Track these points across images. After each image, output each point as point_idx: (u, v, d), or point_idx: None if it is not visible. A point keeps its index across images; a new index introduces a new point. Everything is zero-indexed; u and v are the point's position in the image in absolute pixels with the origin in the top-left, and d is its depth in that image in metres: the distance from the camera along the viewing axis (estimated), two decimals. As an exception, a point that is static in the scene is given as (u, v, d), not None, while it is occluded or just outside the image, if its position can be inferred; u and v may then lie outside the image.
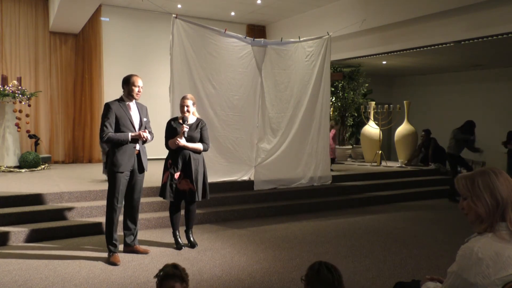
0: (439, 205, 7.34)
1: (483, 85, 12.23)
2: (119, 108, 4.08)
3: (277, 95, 6.86)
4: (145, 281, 3.61)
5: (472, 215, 1.71)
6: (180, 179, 4.40)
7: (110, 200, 4.09)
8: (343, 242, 4.91)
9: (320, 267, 1.91)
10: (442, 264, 4.07)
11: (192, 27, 6.10)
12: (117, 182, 4.04)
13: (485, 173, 1.72)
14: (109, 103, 4.11)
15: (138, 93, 4.16)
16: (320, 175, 7.26)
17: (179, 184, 4.40)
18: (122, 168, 4.04)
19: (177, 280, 2.12)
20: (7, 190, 5.53)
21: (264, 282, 3.65)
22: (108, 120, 4.01)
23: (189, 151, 4.41)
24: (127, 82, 4.15)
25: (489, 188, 1.68)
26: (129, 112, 4.13)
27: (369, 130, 10.06)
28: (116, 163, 4.03)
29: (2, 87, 7.56)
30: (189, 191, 4.44)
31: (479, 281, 1.59)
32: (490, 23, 6.84)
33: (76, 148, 9.18)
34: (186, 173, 4.41)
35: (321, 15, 9.13)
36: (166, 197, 4.41)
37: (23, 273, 3.72)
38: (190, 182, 4.41)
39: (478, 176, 1.72)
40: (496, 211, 1.66)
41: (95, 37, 9.10)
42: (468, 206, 1.72)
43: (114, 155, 4.04)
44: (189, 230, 4.65)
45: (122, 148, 4.05)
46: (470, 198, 1.71)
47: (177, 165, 4.39)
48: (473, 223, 1.74)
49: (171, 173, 4.40)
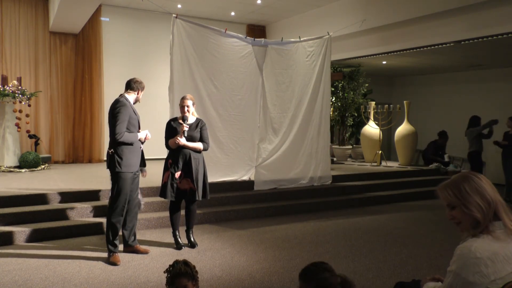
0: (439, 205, 7.30)
1: (483, 85, 12.23)
2: (131, 109, 4.14)
3: (278, 95, 6.86)
4: (145, 281, 3.61)
5: (467, 221, 1.72)
6: (180, 178, 4.41)
7: (118, 200, 4.05)
8: (343, 242, 4.91)
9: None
10: (442, 264, 4.07)
11: (193, 27, 6.10)
12: (126, 182, 4.05)
13: (467, 177, 1.74)
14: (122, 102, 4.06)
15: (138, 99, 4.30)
16: (320, 175, 7.26)
17: (180, 183, 4.41)
18: (133, 168, 4.10)
19: (189, 278, 2.12)
20: (7, 190, 5.53)
21: (264, 282, 3.65)
22: (124, 121, 4.01)
23: (190, 150, 4.43)
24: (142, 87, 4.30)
25: (477, 192, 1.70)
26: (137, 113, 4.23)
27: (369, 130, 10.06)
28: (127, 163, 4.04)
29: (2, 87, 7.56)
30: (190, 191, 4.44)
31: (478, 280, 1.60)
32: (490, 23, 6.84)
33: (76, 148, 9.18)
34: (186, 172, 4.42)
35: (321, 15, 9.13)
36: (167, 197, 4.41)
37: (23, 273, 3.72)
38: (191, 181, 4.42)
39: (461, 182, 1.73)
40: (489, 211, 1.68)
41: (95, 37, 9.10)
42: (460, 214, 1.72)
43: (126, 156, 4.03)
44: (190, 230, 4.65)
45: (132, 148, 4.08)
46: (461, 206, 1.71)
47: (177, 164, 4.40)
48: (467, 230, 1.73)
49: (171, 172, 4.41)
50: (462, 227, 1.75)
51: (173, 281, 2.11)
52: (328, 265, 1.89)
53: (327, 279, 1.81)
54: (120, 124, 3.97)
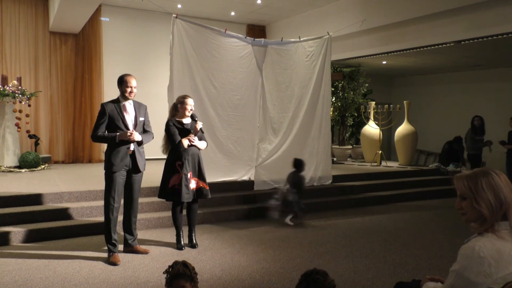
0: (439, 205, 7.33)
1: (483, 85, 12.23)
2: (113, 109, 4.10)
3: (278, 95, 6.86)
4: (145, 281, 3.61)
5: (473, 215, 1.71)
6: (190, 178, 4.43)
7: (107, 199, 4.12)
8: (343, 242, 4.91)
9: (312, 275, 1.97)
10: (442, 264, 4.07)
11: (193, 27, 6.10)
12: (112, 182, 4.08)
13: (487, 173, 1.71)
14: (103, 104, 4.16)
15: (131, 93, 4.14)
16: (320, 175, 7.26)
17: (190, 183, 4.42)
18: (115, 168, 4.07)
19: (187, 279, 2.12)
20: (7, 190, 5.53)
21: (264, 282, 3.65)
22: (100, 121, 4.09)
23: (197, 150, 4.50)
24: (121, 82, 4.17)
25: (492, 189, 1.67)
26: (122, 113, 4.12)
27: (369, 130, 10.06)
28: (109, 163, 4.08)
29: (2, 87, 7.55)
30: (198, 190, 4.49)
31: (481, 280, 1.59)
32: (490, 23, 6.84)
33: (76, 148, 9.18)
34: (196, 172, 4.49)
35: (321, 15, 9.13)
36: (183, 199, 4.36)
37: (23, 273, 3.72)
38: (201, 180, 4.51)
39: (480, 176, 1.71)
40: (499, 211, 1.66)
41: (95, 37, 9.10)
42: (469, 206, 1.71)
43: (109, 155, 4.10)
44: (192, 230, 4.66)
45: (115, 149, 4.08)
46: (472, 199, 1.70)
47: (189, 165, 4.41)
48: (472, 223, 1.73)
49: (184, 174, 4.36)
50: (466, 219, 1.74)
51: (172, 282, 2.12)
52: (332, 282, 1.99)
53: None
54: (94, 125, 4.14)
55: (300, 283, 1.99)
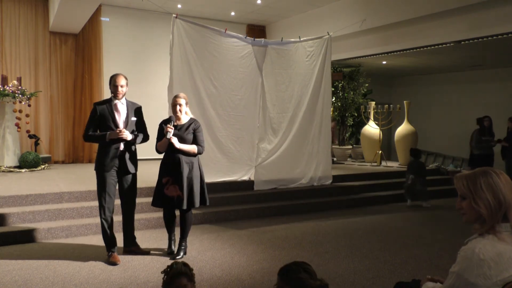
0: (439, 205, 7.33)
1: (483, 85, 12.23)
2: (104, 108, 4.09)
3: (278, 95, 6.86)
4: (145, 281, 3.61)
5: (472, 215, 1.70)
6: (168, 184, 4.10)
7: (99, 199, 4.13)
8: (343, 242, 4.91)
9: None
10: (442, 264, 4.07)
11: (193, 27, 6.10)
12: (102, 181, 4.08)
13: (487, 173, 1.70)
14: (95, 103, 4.17)
15: (117, 92, 4.10)
16: (320, 175, 7.26)
17: (167, 190, 4.10)
18: (104, 169, 4.06)
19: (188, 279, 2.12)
20: (7, 190, 5.53)
21: (264, 282, 3.64)
22: (91, 121, 4.11)
23: (181, 154, 4.10)
24: (109, 82, 4.18)
25: (491, 189, 1.66)
26: (113, 112, 4.09)
27: (369, 130, 10.06)
28: (99, 163, 4.09)
29: (2, 87, 7.55)
30: (177, 198, 4.08)
31: (480, 282, 1.58)
32: (490, 23, 6.84)
33: (76, 148, 9.18)
34: (175, 178, 4.09)
35: (321, 15, 9.13)
36: (155, 205, 4.21)
37: (23, 273, 3.72)
38: (179, 188, 4.07)
39: (479, 176, 1.70)
40: (499, 212, 1.65)
41: (95, 37, 9.09)
42: (468, 206, 1.71)
43: (99, 156, 4.11)
44: (183, 239, 4.29)
45: (105, 149, 4.06)
46: (471, 199, 1.69)
47: (167, 169, 4.14)
48: (471, 223, 1.73)
49: (161, 178, 4.17)
50: (466, 219, 1.73)
51: (173, 281, 2.11)
52: (310, 267, 1.84)
53: (306, 280, 1.77)
54: (86, 125, 4.16)
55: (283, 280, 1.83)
